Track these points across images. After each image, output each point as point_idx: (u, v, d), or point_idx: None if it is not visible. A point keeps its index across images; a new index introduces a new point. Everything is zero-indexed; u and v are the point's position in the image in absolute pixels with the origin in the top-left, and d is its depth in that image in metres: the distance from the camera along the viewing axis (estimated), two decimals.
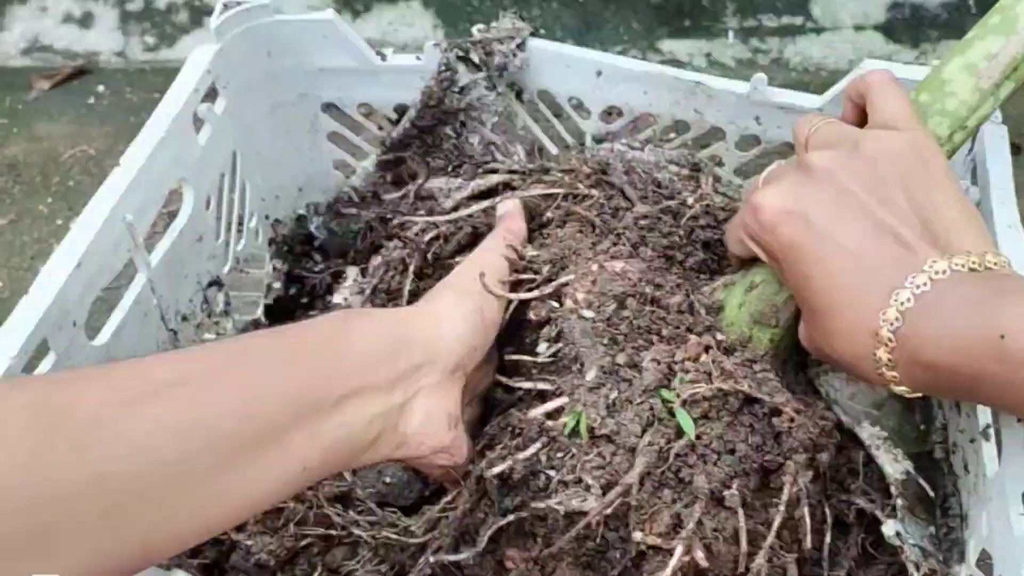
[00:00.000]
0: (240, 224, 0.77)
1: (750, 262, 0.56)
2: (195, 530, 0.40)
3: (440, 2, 1.51)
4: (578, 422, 0.50)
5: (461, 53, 0.74)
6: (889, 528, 0.52)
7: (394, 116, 0.78)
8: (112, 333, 0.61)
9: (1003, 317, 0.41)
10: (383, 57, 0.75)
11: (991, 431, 0.51)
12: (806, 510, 0.50)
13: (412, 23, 1.49)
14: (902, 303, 0.43)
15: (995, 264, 0.44)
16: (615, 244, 0.59)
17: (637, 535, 0.48)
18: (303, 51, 0.75)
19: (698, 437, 0.49)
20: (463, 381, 0.53)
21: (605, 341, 0.53)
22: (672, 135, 0.73)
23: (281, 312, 0.78)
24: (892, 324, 0.43)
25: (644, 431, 0.50)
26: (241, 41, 0.72)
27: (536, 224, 0.64)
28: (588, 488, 0.49)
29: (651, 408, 0.50)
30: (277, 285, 0.77)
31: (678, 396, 0.50)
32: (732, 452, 0.50)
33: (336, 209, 0.79)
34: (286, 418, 0.42)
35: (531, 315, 0.57)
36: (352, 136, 0.81)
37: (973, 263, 0.44)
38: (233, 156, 0.74)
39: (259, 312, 0.77)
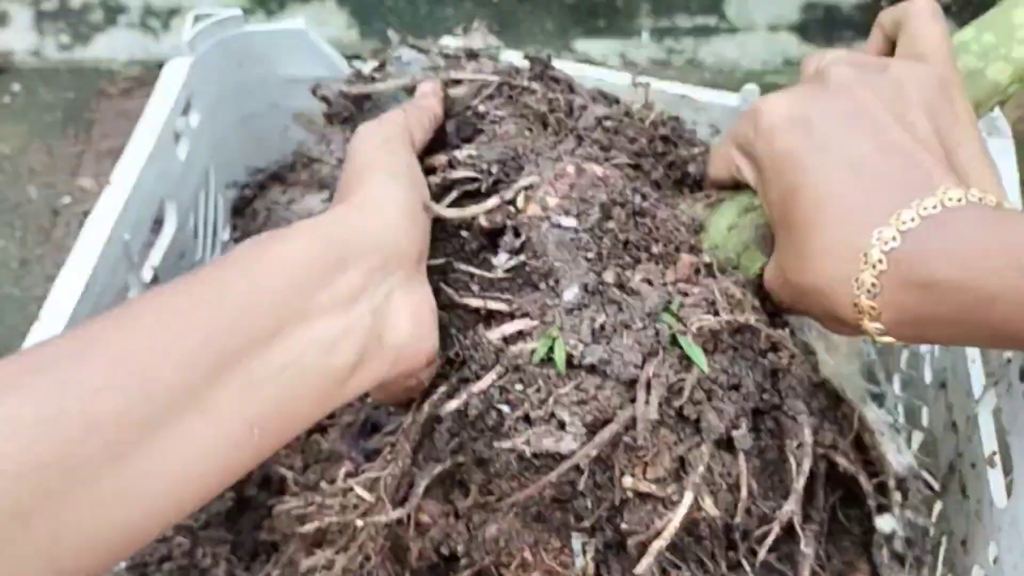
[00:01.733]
0: (215, 237, 0.76)
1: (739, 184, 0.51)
2: (113, 534, 0.32)
3: (354, 1, 1.50)
4: (551, 348, 0.43)
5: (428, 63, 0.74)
6: (885, 523, 0.50)
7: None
8: None
9: None
10: (353, 65, 0.75)
11: (996, 459, 0.50)
12: (805, 462, 0.45)
13: (326, 22, 1.48)
14: (903, 222, 0.39)
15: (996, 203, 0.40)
16: (579, 145, 0.52)
17: (627, 480, 0.42)
18: (273, 61, 0.74)
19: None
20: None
21: (589, 256, 0.46)
22: None
23: None
24: (887, 244, 0.39)
25: (645, 361, 0.43)
26: (213, 53, 0.71)
27: (464, 119, 0.55)
28: (563, 426, 0.42)
29: (656, 335, 0.43)
30: None
31: (682, 323, 0.44)
32: (737, 388, 0.45)
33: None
34: (194, 377, 0.34)
35: (482, 220, 0.47)
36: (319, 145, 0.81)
37: (991, 202, 0.40)
38: (207, 169, 0.74)
39: None
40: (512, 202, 0.47)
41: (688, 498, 0.42)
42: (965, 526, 0.54)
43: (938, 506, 0.59)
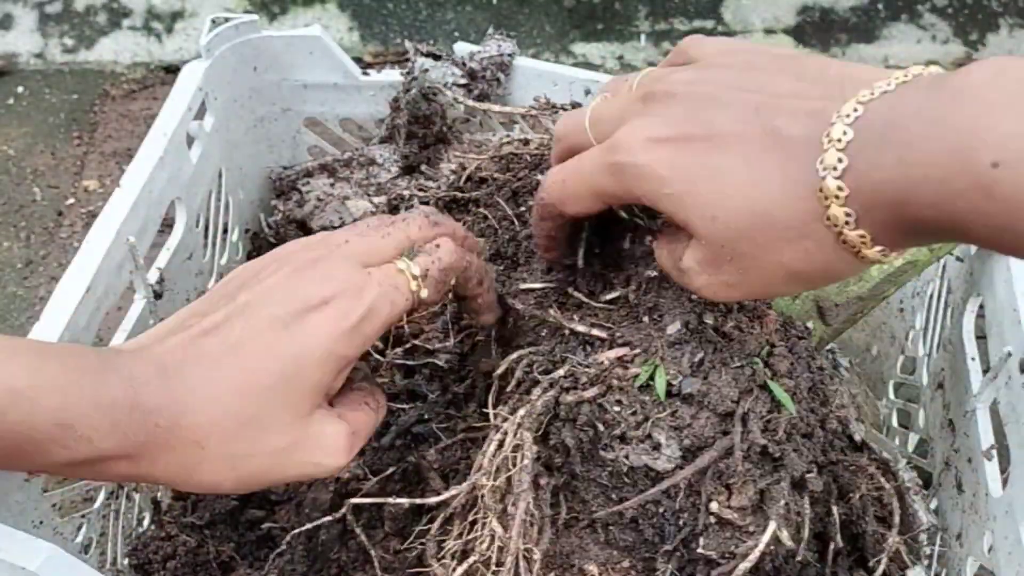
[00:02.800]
0: (224, 237, 0.76)
1: None
2: None
3: (356, 5, 1.50)
4: (651, 375, 0.46)
5: (443, 68, 0.75)
6: (914, 574, 0.53)
7: (375, 130, 0.79)
8: None
9: (989, 135, 0.32)
10: (367, 73, 0.76)
11: (994, 451, 0.52)
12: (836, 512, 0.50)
13: (328, 25, 1.48)
14: (839, 139, 0.36)
15: (924, 74, 0.37)
16: None
17: (714, 505, 0.45)
18: (289, 66, 0.75)
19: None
20: None
21: (692, 297, 0.49)
22: None
23: None
24: (836, 168, 0.36)
25: (740, 397, 0.46)
26: (229, 57, 0.72)
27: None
28: (658, 447, 0.45)
29: (752, 375, 0.47)
30: None
31: (771, 369, 0.48)
32: (810, 437, 0.48)
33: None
34: None
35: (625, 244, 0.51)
36: (332, 149, 0.82)
37: (900, 79, 0.36)
38: (219, 172, 0.74)
39: None
40: None
41: (771, 527, 0.45)
42: (960, 520, 0.56)
43: (933, 503, 0.61)
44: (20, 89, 1.37)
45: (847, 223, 0.36)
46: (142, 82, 1.39)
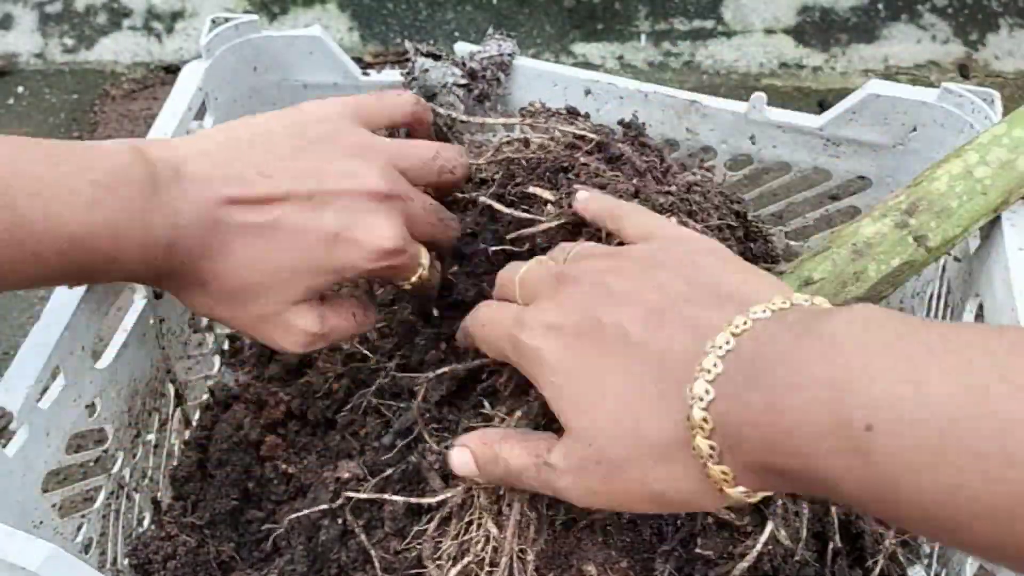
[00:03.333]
0: None
1: (807, 259, 0.57)
2: None
3: (356, 5, 1.50)
4: None
5: (444, 66, 0.75)
6: (915, 573, 0.54)
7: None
8: (114, 356, 0.61)
9: (861, 396, 0.30)
10: (367, 73, 0.76)
11: None
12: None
13: (327, 25, 1.48)
14: (708, 370, 0.35)
15: (806, 301, 0.37)
16: (677, 203, 0.57)
17: None
18: (289, 67, 0.75)
19: None
20: None
21: None
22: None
23: None
24: (702, 399, 0.35)
25: None
26: (229, 57, 0.71)
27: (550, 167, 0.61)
28: None
29: None
30: None
31: None
32: None
33: None
34: None
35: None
36: None
37: (777, 305, 0.36)
38: None
39: None
40: None
41: (769, 527, 0.46)
42: None
43: None
44: (20, 89, 1.37)
45: (711, 456, 0.35)
46: (142, 82, 1.39)
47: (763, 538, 0.45)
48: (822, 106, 1.35)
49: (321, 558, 0.59)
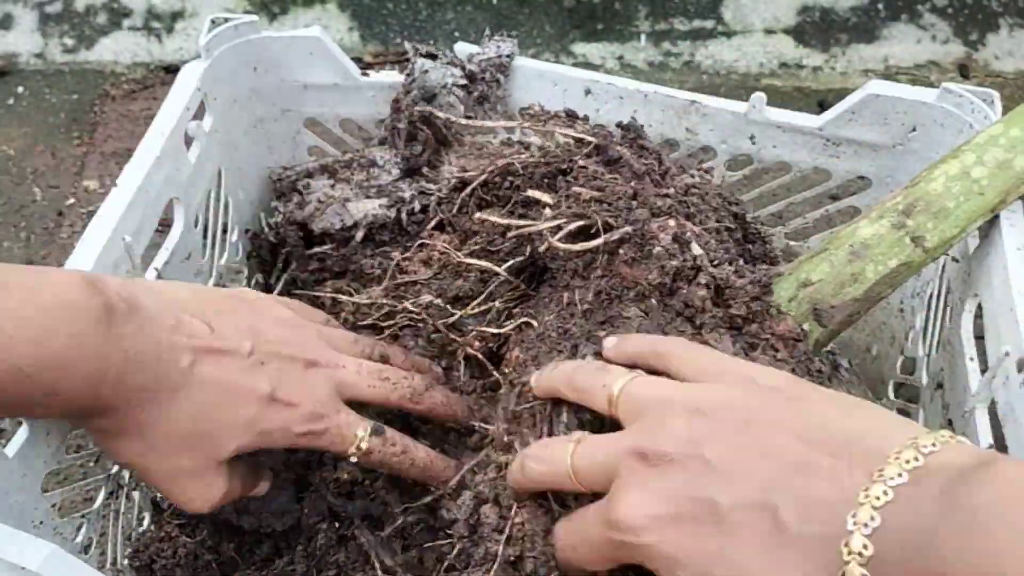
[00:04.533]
0: (224, 237, 0.76)
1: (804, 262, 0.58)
2: None
3: (356, 5, 1.50)
4: None
5: (443, 67, 0.75)
6: None
7: (375, 131, 0.79)
8: None
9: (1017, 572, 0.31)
10: (366, 73, 0.76)
11: (992, 450, 0.52)
12: None
13: (327, 25, 1.48)
14: (860, 553, 0.34)
15: (935, 445, 0.36)
16: (676, 205, 0.58)
17: None
18: (288, 67, 0.75)
19: None
20: None
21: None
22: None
23: None
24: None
25: None
26: (229, 57, 0.71)
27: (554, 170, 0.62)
28: None
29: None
30: None
31: None
32: None
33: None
34: None
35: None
36: (332, 150, 0.81)
37: (911, 464, 0.35)
38: (218, 172, 0.74)
39: None
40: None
41: None
42: None
43: None
44: (20, 89, 1.37)
45: None
46: (142, 82, 1.39)
47: None
48: (822, 106, 1.35)
49: (321, 561, 0.59)
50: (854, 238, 0.58)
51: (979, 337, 0.60)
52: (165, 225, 0.67)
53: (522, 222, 0.58)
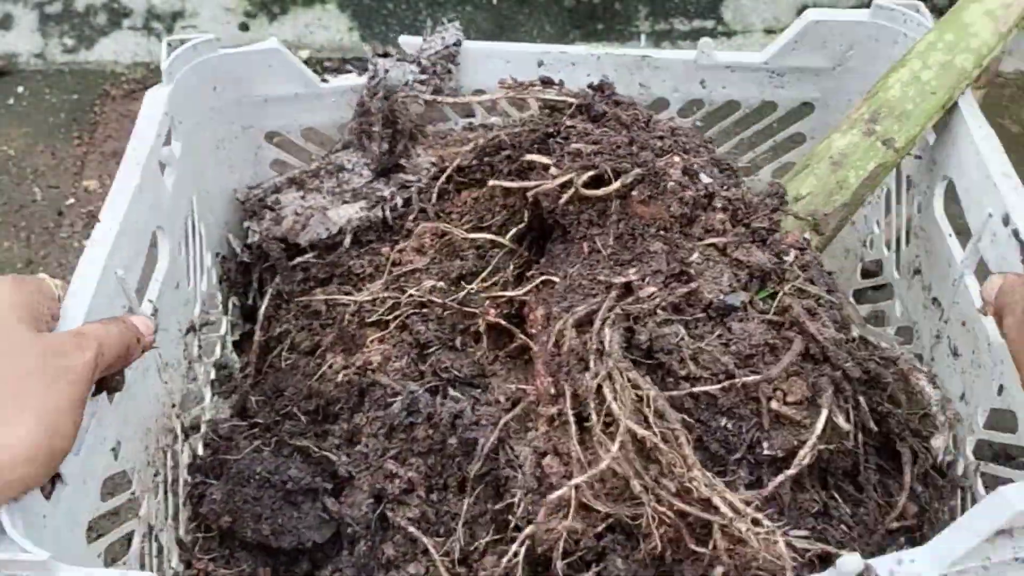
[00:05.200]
0: (201, 264, 0.76)
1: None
2: None
3: (356, 4, 1.51)
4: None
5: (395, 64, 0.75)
6: (938, 441, 0.59)
7: (337, 137, 0.80)
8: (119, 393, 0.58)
9: None
10: (326, 80, 0.77)
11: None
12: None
13: (328, 25, 1.49)
14: None
15: None
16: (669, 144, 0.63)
17: (773, 404, 0.52)
18: (249, 82, 0.75)
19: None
20: None
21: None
22: None
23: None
24: None
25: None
26: (191, 78, 0.72)
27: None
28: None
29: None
30: (239, 322, 0.77)
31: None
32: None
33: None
34: None
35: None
36: (295, 161, 0.82)
37: None
38: (191, 198, 0.73)
39: (228, 350, 0.77)
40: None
41: (824, 414, 0.52)
42: (960, 382, 0.62)
43: None
44: (20, 89, 1.40)
45: None
46: (142, 82, 1.41)
47: (819, 424, 0.51)
48: None
49: (365, 567, 0.61)
50: (831, 150, 0.65)
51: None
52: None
53: (532, 183, 0.61)
